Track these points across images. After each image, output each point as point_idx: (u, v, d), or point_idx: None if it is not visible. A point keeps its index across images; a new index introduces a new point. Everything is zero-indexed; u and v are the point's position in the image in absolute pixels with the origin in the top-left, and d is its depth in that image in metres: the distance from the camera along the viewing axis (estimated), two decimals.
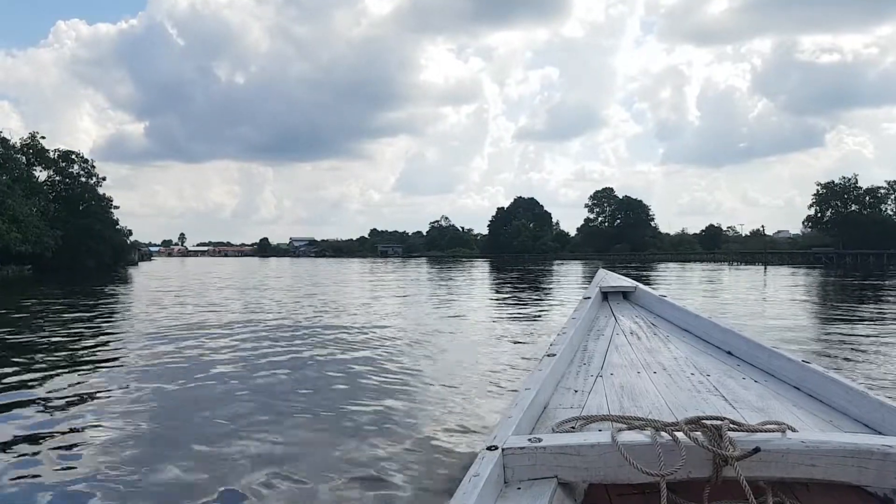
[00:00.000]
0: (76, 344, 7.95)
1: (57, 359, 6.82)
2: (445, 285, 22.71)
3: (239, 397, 4.88)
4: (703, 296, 17.45)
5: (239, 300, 15.41)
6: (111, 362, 6.58)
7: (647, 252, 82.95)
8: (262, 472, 3.20)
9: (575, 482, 1.34)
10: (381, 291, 19.23)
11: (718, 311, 11.41)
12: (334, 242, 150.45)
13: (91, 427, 4.11)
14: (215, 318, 10.78)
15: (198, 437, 3.85)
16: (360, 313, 11.80)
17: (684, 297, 16.07)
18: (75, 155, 47.54)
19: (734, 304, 14.13)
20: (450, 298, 16.21)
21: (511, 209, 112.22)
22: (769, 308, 13.54)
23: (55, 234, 39.14)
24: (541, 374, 1.88)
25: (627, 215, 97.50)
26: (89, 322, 10.45)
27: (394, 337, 8.30)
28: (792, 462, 1.30)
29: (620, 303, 3.27)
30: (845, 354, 6.65)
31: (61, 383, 5.43)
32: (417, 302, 14.93)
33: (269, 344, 7.71)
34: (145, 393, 5.06)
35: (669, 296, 3.08)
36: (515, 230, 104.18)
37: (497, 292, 19.08)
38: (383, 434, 3.85)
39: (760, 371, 2.12)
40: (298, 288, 21.08)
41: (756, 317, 11.28)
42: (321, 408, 4.53)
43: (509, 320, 10.59)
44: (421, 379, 5.58)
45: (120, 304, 15.00)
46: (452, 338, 8.36)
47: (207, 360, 6.57)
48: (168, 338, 8.25)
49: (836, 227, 62.75)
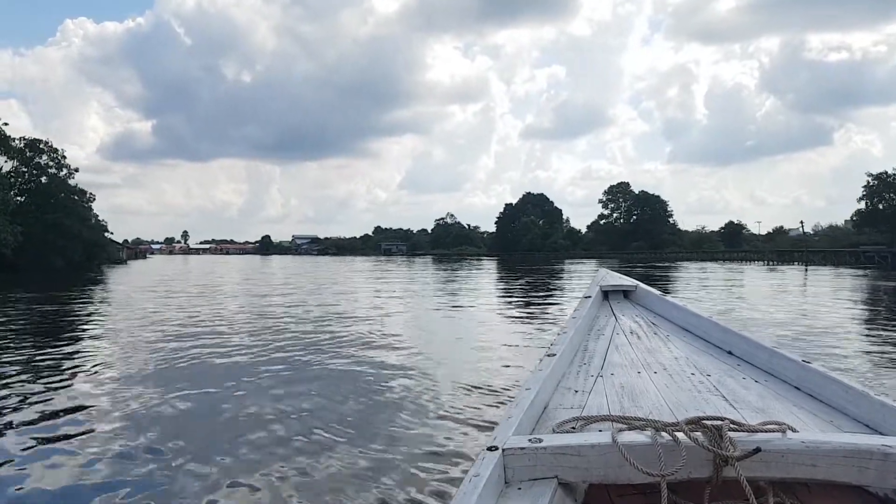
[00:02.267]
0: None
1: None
2: (456, 293, 18.09)
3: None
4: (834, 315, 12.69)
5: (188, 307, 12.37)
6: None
7: (669, 250, 77.64)
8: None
9: (575, 482, 1.33)
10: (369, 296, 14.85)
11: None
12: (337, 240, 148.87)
13: None
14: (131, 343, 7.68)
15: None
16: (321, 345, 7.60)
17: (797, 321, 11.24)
18: (44, 144, 43.17)
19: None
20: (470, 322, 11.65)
21: (520, 206, 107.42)
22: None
23: (14, 230, 34.80)
24: (541, 374, 1.86)
25: (644, 211, 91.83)
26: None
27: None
28: (792, 462, 1.29)
29: (621, 302, 3.18)
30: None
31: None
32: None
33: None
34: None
35: (669, 296, 3.03)
36: (524, 227, 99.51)
37: (517, 299, 14.59)
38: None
39: (761, 371, 2.09)
40: (264, 292, 16.83)
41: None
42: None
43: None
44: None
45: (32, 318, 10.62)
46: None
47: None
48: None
49: (886, 223, 56.79)
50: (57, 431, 4.10)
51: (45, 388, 5.38)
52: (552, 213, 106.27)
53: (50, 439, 3.95)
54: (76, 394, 5.22)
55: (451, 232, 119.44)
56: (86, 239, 43.05)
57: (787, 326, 9.34)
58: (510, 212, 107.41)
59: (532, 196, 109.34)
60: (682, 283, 22.82)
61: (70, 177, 44.84)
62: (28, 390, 5.30)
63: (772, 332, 8.55)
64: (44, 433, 4.07)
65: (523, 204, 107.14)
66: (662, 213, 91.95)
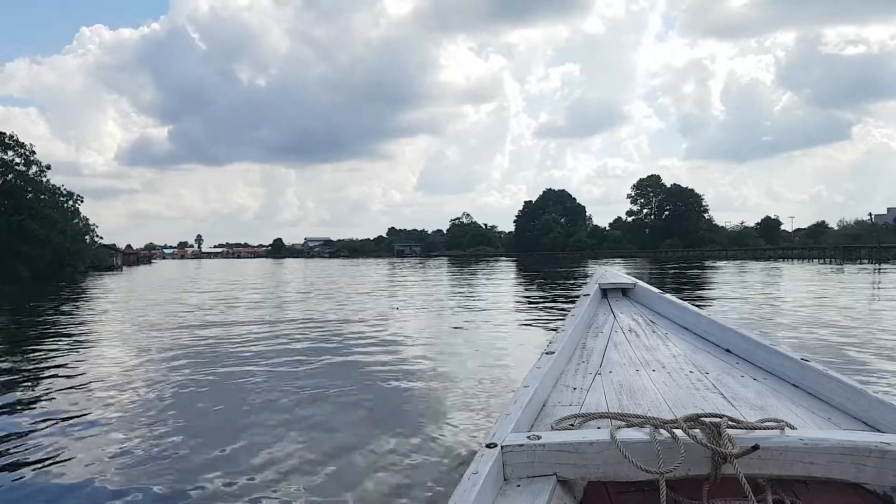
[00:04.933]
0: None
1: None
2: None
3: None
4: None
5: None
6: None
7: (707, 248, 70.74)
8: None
9: (574, 480, 1.33)
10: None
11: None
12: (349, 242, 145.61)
13: None
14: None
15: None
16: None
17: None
18: (8, 138, 38.45)
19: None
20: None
21: (540, 203, 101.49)
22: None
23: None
24: (540, 372, 1.85)
25: (677, 206, 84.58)
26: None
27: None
28: (791, 459, 1.29)
29: (619, 300, 3.13)
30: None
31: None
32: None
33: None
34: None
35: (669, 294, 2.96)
36: (545, 226, 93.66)
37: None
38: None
39: (759, 369, 2.09)
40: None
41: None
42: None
43: None
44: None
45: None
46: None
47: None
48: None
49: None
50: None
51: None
52: (574, 210, 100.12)
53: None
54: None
55: (468, 232, 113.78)
56: (56, 244, 38.24)
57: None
58: (530, 210, 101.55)
59: (553, 193, 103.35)
60: (790, 290, 16.90)
61: (41, 174, 40.23)
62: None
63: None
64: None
65: (543, 201, 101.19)
66: (697, 208, 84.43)
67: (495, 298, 16.11)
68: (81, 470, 3.44)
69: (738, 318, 9.94)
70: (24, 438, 4.07)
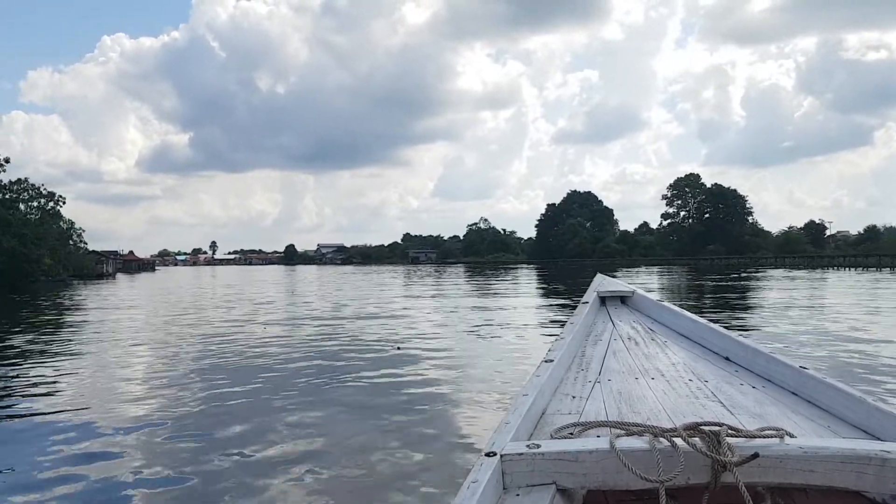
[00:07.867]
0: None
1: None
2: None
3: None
4: None
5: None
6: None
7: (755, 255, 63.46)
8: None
9: (573, 488, 1.34)
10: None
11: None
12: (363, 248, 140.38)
13: None
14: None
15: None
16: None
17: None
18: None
19: None
20: None
21: (563, 206, 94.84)
22: None
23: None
24: (539, 380, 1.85)
25: (718, 209, 77.40)
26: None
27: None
28: (790, 468, 1.30)
29: (618, 308, 3.12)
30: None
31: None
32: None
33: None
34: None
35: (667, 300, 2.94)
36: (570, 230, 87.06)
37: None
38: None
39: (758, 377, 2.08)
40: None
41: None
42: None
43: None
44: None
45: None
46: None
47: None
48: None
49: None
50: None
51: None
52: (601, 213, 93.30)
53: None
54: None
55: (486, 238, 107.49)
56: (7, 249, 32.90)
57: None
58: (553, 213, 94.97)
59: (577, 195, 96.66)
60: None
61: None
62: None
63: None
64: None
65: (567, 204, 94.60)
66: (741, 211, 77.04)
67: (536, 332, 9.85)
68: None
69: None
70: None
